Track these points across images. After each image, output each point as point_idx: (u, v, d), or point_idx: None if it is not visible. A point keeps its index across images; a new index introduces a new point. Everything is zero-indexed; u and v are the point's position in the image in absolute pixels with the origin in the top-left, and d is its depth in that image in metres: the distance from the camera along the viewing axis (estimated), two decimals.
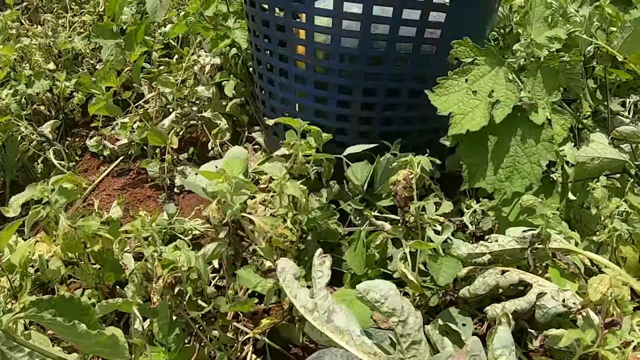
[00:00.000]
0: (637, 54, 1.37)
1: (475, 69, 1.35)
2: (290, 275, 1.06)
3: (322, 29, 1.53)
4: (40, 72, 2.29)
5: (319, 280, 1.02)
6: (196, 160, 2.03)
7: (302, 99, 1.67)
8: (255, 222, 1.23)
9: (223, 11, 2.11)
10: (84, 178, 2.10)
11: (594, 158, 1.40)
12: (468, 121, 1.32)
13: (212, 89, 2.05)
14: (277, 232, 1.22)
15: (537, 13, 1.38)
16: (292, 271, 1.07)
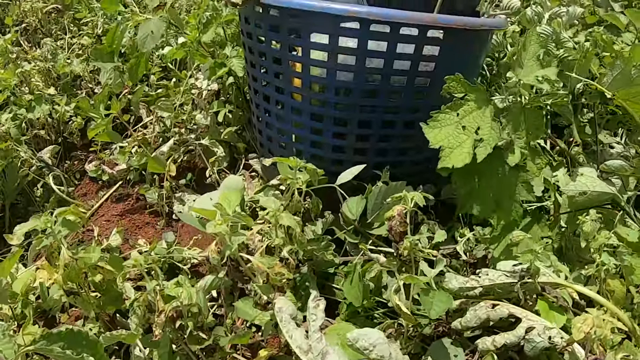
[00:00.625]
0: (625, 91, 1.41)
1: (466, 105, 1.40)
2: (287, 315, 1.10)
3: (317, 63, 1.57)
4: (40, 97, 2.32)
5: (314, 323, 1.06)
6: (194, 187, 2.06)
7: (298, 129, 1.71)
8: (253, 262, 1.26)
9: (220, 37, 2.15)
10: (83, 202, 2.13)
11: (583, 192, 1.44)
12: (455, 156, 1.36)
13: (209, 116, 2.08)
14: (274, 271, 1.25)
15: (531, 51, 1.42)
16: (288, 311, 1.11)
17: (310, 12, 1.50)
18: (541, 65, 1.40)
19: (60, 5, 3.29)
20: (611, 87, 1.43)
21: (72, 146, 2.45)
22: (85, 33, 3.01)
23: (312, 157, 1.70)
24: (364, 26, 1.48)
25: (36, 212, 2.12)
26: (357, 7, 1.46)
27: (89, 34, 3.00)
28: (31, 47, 3.07)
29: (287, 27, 1.59)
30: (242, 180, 1.72)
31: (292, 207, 1.49)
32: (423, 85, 1.61)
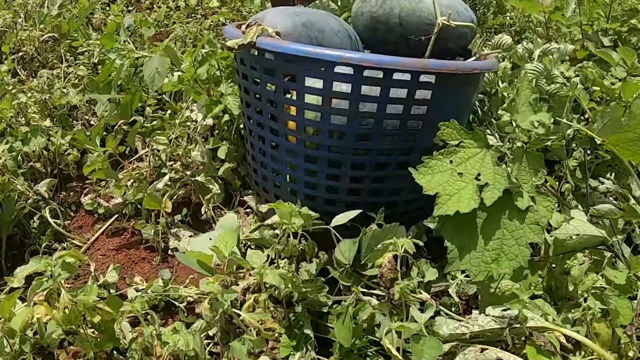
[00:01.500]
0: (615, 137, 1.45)
1: (462, 152, 1.42)
2: None
3: (312, 106, 1.61)
4: (36, 129, 2.34)
5: None
6: (189, 222, 2.09)
7: (292, 170, 1.75)
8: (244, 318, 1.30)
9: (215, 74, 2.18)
10: (79, 235, 2.15)
11: (574, 235, 1.47)
12: (455, 202, 1.38)
13: (205, 154, 2.11)
14: (265, 327, 1.29)
15: (523, 97, 1.46)
16: None
17: (304, 58, 1.54)
18: (533, 110, 1.44)
19: (56, 34, 3.32)
20: (601, 133, 1.47)
21: (67, 177, 2.47)
22: (82, 62, 3.03)
23: (306, 197, 1.74)
24: (357, 72, 1.52)
25: (32, 244, 2.14)
26: (350, 53, 1.51)
27: (85, 63, 3.03)
28: (28, 76, 3.09)
29: (281, 71, 1.62)
30: (237, 220, 1.75)
31: (287, 251, 1.53)
32: (416, 128, 1.65)
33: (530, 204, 1.37)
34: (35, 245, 2.12)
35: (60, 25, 3.38)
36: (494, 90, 2.29)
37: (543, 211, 1.39)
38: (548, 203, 1.38)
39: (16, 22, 3.39)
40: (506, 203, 1.40)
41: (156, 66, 1.97)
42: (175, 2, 4.09)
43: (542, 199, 1.39)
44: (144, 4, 4.16)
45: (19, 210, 2.12)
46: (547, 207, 1.39)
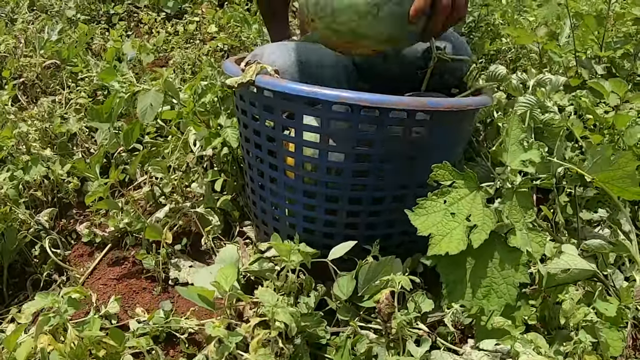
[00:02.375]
0: (605, 174, 1.49)
1: (454, 192, 1.46)
2: None
3: (310, 144, 1.65)
4: (36, 158, 2.36)
5: None
6: (189, 252, 2.11)
7: (291, 205, 1.79)
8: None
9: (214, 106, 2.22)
10: (79, 264, 2.17)
11: (565, 270, 1.51)
12: (446, 243, 1.42)
13: (204, 185, 2.14)
14: None
15: (513, 137, 1.49)
16: None
17: (302, 97, 1.57)
18: (524, 148, 1.47)
19: (57, 60, 3.35)
20: (591, 171, 1.50)
21: (68, 205, 2.49)
22: (82, 88, 3.06)
23: (304, 230, 1.78)
24: (354, 111, 1.56)
25: (33, 273, 2.16)
26: (347, 92, 1.54)
27: (85, 89, 3.06)
28: (29, 102, 3.12)
29: (280, 109, 1.66)
30: (236, 252, 1.78)
31: (286, 287, 1.56)
32: (411, 160, 1.69)
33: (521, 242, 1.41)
34: (36, 275, 2.14)
35: (60, 50, 3.41)
36: (490, 120, 2.33)
37: (535, 247, 1.43)
38: (540, 239, 1.42)
39: (17, 47, 3.42)
40: (496, 242, 1.44)
41: (150, 101, 2.00)
42: (174, 27, 4.12)
43: (534, 235, 1.42)
44: (142, 29, 4.19)
45: (21, 239, 2.14)
46: (539, 242, 1.42)
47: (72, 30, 3.90)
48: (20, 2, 4.47)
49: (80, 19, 4.24)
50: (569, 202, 1.79)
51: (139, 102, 2.02)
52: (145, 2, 4.51)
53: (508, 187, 1.46)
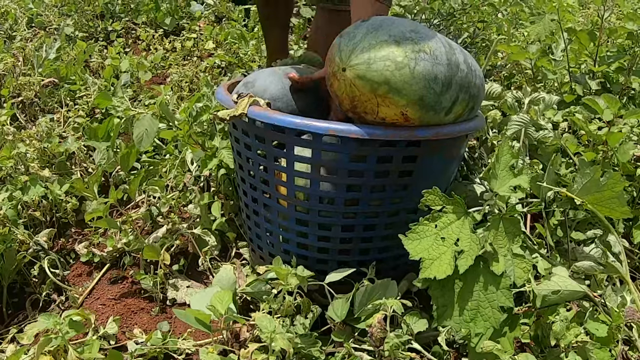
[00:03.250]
0: (594, 196, 1.51)
1: (444, 217, 1.48)
2: None
3: (301, 174, 1.68)
4: (35, 178, 2.38)
5: None
6: (187, 272, 2.14)
7: (284, 232, 1.82)
8: None
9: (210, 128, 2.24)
10: (78, 283, 2.19)
11: (556, 291, 1.53)
12: (436, 267, 1.45)
13: (200, 206, 2.16)
14: None
15: (503, 163, 1.51)
16: None
17: (293, 129, 1.60)
18: (514, 174, 1.49)
19: (56, 78, 3.37)
20: (581, 194, 1.52)
21: (66, 224, 2.51)
22: (80, 107, 3.08)
23: (298, 256, 1.80)
24: (345, 143, 1.59)
25: (32, 293, 2.17)
26: (337, 124, 1.57)
27: (84, 108, 3.08)
28: (27, 120, 3.14)
29: (271, 139, 1.69)
30: (233, 274, 1.80)
31: (283, 310, 1.58)
32: (402, 190, 1.71)
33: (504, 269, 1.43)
34: (35, 294, 2.15)
35: (58, 69, 3.43)
36: (485, 137, 2.35)
37: (519, 272, 1.45)
38: (524, 264, 1.44)
39: (16, 65, 3.44)
40: (482, 267, 1.47)
41: (145, 127, 2.02)
42: (172, 44, 4.14)
43: (518, 260, 1.44)
44: (140, 45, 4.21)
45: (20, 259, 2.16)
46: (523, 268, 1.45)
47: (71, 47, 3.92)
48: (18, 19, 4.48)
49: (78, 36, 4.26)
50: (560, 224, 1.81)
51: (136, 128, 2.05)
52: (143, 18, 4.53)
53: (495, 213, 1.48)
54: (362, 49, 1.52)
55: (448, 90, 1.59)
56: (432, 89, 1.54)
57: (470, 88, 1.68)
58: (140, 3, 4.67)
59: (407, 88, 1.51)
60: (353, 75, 1.52)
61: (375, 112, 1.56)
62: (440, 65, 1.56)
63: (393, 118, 1.57)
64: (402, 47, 1.52)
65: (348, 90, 1.55)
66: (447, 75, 1.58)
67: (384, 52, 1.51)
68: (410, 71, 1.50)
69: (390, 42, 1.52)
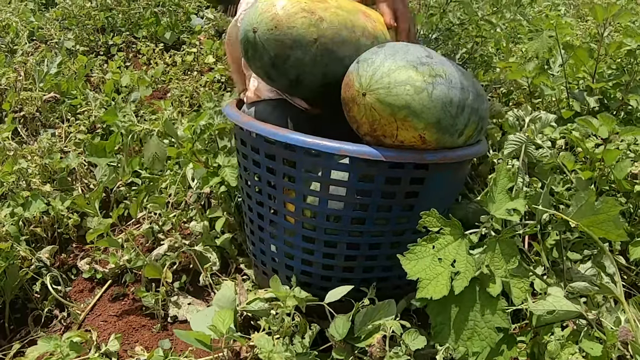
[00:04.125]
0: (590, 219, 1.53)
1: (442, 238, 1.50)
2: None
3: (310, 192, 1.72)
4: (36, 194, 2.39)
5: None
6: (188, 289, 2.15)
7: (290, 248, 1.84)
8: None
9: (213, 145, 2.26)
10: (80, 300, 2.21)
11: (551, 311, 1.55)
12: (433, 287, 1.47)
13: (202, 224, 2.18)
14: None
15: (500, 186, 1.54)
16: None
17: (304, 148, 1.64)
18: (510, 197, 1.52)
19: (57, 93, 3.39)
20: (576, 217, 1.55)
21: (68, 240, 2.53)
22: (82, 122, 3.10)
23: (302, 272, 1.83)
24: (354, 162, 1.63)
25: (35, 309, 2.19)
26: (348, 145, 1.60)
27: (85, 123, 3.09)
28: (29, 135, 3.15)
29: (282, 157, 1.72)
30: (233, 292, 1.82)
31: (282, 332, 1.61)
32: (408, 211, 1.75)
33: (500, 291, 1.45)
34: (37, 311, 2.17)
35: (59, 83, 3.45)
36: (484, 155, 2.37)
37: (517, 292, 1.47)
38: (522, 284, 1.46)
39: (17, 80, 3.46)
40: (478, 288, 1.49)
41: (155, 150, 2.05)
42: (172, 58, 4.16)
43: (516, 281, 1.47)
44: (141, 60, 4.23)
45: (22, 276, 2.18)
46: (520, 287, 1.47)
47: (72, 61, 3.94)
48: (20, 32, 4.50)
49: (79, 50, 4.28)
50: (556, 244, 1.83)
51: (146, 151, 2.08)
52: (143, 32, 4.55)
53: (492, 235, 1.51)
54: (382, 74, 1.56)
55: (462, 113, 1.64)
56: (448, 112, 1.60)
57: (479, 110, 1.73)
58: (141, 17, 4.68)
59: (426, 111, 1.56)
60: (373, 99, 1.56)
61: (394, 135, 1.61)
62: (455, 89, 1.62)
63: (411, 141, 1.62)
64: (420, 72, 1.57)
65: (368, 114, 1.59)
66: (461, 98, 1.63)
67: (404, 77, 1.55)
68: (428, 95, 1.56)
69: (409, 67, 1.57)
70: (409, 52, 1.62)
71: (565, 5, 6.52)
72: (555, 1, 6.21)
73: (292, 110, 1.99)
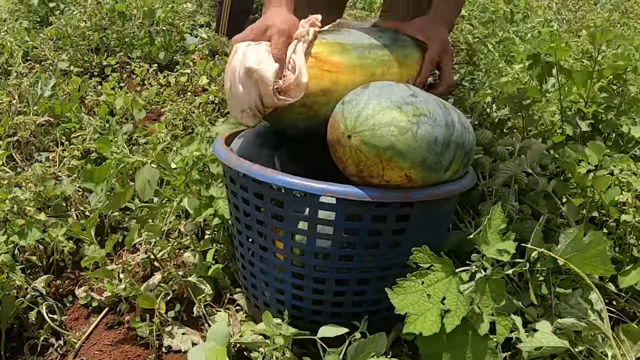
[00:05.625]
0: (578, 257, 1.55)
1: (432, 274, 1.52)
2: None
3: (298, 230, 1.74)
4: (31, 222, 2.41)
5: None
6: (183, 318, 2.17)
7: (279, 284, 1.87)
8: None
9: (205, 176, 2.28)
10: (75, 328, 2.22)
11: (538, 347, 1.58)
12: (421, 323, 1.49)
13: (196, 254, 2.20)
14: None
15: (494, 227, 1.56)
16: None
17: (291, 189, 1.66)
18: (502, 238, 1.54)
19: (51, 117, 3.40)
20: (564, 254, 1.57)
21: (63, 266, 2.53)
22: (76, 147, 3.10)
23: (293, 307, 1.86)
24: (341, 202, 1.65)
25: (31, 338, 2.20)
26: (334, 186, 1.62)
27: (79, 147, 3.10)
28: (23, 160, 3.16)
29: (269, 197, 1.74)
30: (227, 328, 1.84)
31: None
32: (395, 247, 1.77)
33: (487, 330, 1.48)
34: (34, 339, 2.18)
35: (53, 107, 3.47)
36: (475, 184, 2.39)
37: (501, 330, 1.50)
38: (506, 322, 1.49)
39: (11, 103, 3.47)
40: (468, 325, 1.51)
41: (147, 178, 2.07)
42: (166, 79, 4.17)
43: (501, 319, 1.49)
44: (135, 80, 4.25)
45: (18, 305, 2.19)
46: (504, 325, 1.49)
47: (66, 83, 3.95)
48: (14, 52, 4.52)
49: (73, 71, 4.29)
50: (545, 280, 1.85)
51: (137, 179, 2.10)
52: (137, 52, 4.57)
53: (482, 275, 1.53)
54: (367, 116, 1.59)
55: (447, 150, 1.66)
56: (433, 150, 1.62)
57: (465, 145, 1.75)
58: (135, 37, 4.71)
59: (411, 151, 1.58)
60: (359, 141, 1.59)
61: (380, 175, 1.63)
62: (440, 126, 1.64)
63: (397, 180, 1.64)
64: (404, 112, 1.60)
65: (354, 155, 1.62)
66: (446, 135, 1.65)
67: (388, 118, 1.58)
68: (413, 135, 1.58)
69: (393, 107, 1.60)
70: (393, 92, 1.65)
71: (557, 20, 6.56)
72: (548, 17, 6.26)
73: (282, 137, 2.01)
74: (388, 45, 1.96)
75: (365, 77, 1.86)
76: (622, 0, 8.60)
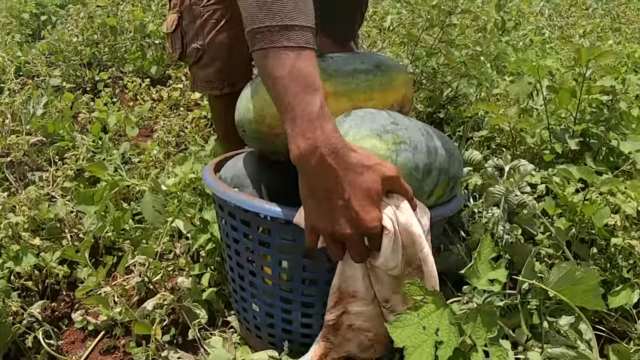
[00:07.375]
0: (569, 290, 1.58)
1: (425, 306, 1.54)
2: None
3: (285, 257, 1.77)
4: (26, 247, 2.41)
5: None
6: (178, 342, 2.18)
7: (269, 308, 1.89)
8: None
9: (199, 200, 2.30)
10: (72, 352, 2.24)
11: None
12: (418, 354, 1.50)
13: (190, 279, 2.22)
14: None
15: (484, 257, 1.58)
16: None
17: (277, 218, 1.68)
18: (492, 267, 1.56)
19: (44, 136, 3.42)
20: (556, 287, 1.59)
21: (58, 290, 2.54)
22: (69, 166, 3.12)
23: (283, 330, 1.89)
24: None
25: None
26: None
27: (72, 167, 3.11)
28: (16, 180, 3.17)
29: (256, 225, 1.76)
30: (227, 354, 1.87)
31: None
32: None
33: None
34: None
35: (46, 125, 3.48)
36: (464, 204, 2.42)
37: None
38: (500, 352, 1.50)
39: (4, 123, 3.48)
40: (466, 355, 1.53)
41: (152, 205, 2.09)
42: (159, 93, 4.19)
43: (495, 349, 1.51)
44: (127, 95, 4.27)
45: (14, 331, 2.20)
46: (499, 356, 1.51)
47: (58, 99, 3.97)
48: (6, 67, 4.53)
49: (65, 87, 4.31)
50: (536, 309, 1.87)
51: (144, 210, 2.12)
52: (130, 67, 4.59)
53: (474, 307, 1.55)
54: None
55: (429, 176, 1.68)
56: (414, 176, 1.63)
57: (449, 170, 1.76)
58: (127, 51, 4.72)
59: None
60: None
61: None
62: (420, 153, 1.65)
63: None
64: (383, 140, 1.61)
65: None
66: (427, 162, 1.66)
67: (367, 146, 1.58)
68: (392, 162, 1.58)
69: (372, 136, 1.61)
70: (375, 121, 1.66)
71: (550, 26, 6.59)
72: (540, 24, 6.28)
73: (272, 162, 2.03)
74: (372, 70, 1.97)
75: (350, 103, 1.86)
76: (613, 5, 8.63)
